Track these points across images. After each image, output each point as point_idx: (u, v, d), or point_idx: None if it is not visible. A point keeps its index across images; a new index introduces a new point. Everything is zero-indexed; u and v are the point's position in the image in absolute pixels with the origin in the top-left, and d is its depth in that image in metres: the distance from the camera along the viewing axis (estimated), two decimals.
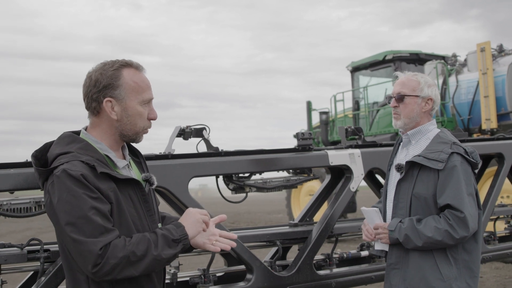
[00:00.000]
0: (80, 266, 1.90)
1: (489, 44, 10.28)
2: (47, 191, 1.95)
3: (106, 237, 1.88)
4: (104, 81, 2.04)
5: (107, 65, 2.07)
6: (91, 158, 1.97)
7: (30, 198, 2.91)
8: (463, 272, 2.74)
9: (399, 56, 12.33)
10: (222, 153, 3.46)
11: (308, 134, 3.78)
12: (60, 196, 1.88)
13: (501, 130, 9.84)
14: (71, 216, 1.86)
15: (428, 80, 2.95)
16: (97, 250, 1.84)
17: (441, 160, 2.72)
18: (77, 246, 1.85)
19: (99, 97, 2.04)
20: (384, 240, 2.85)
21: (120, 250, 1.87)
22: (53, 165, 1.96)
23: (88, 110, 2.10)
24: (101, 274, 1.86)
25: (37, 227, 17.92)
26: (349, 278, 3.80)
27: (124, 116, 2.07)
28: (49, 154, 2.04)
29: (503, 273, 7.86)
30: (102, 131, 2.10)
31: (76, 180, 1.88)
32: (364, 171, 3.91)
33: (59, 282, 2.87)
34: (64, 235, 1.89)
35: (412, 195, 2.79)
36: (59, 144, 2.06)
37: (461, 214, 2.65)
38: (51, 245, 3.05)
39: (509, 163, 4.70)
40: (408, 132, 2.95)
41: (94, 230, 1.86)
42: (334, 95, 13.38)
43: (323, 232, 3.67)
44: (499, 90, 10.12)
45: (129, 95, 2.06)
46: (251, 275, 3.38)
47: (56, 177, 1.90)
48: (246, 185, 3.54)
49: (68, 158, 1.95)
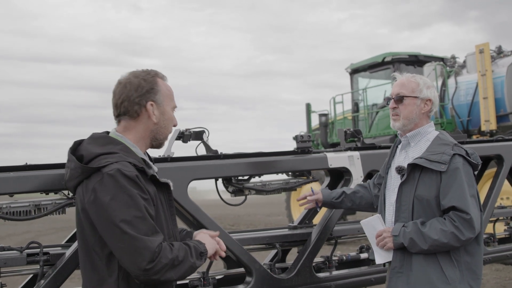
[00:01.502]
0: (130, 263, 1.95)
1: (488, 45, 10.29)
2: (91, 188, 1.99)
3: (158, 237, 2.00)
4: (147, 86, 2.18)
5: (142, 73, 2.22)
6: (136, 161, 2.08)
7: (29, 201, 2.90)
8: (465, 274, 2.72)
9: (398, 58, 12.33)
10: (221, 156, 3.46)
11: (307, 137, 3.78)
12: (114, 195, 1.95)
13: (500, 132, 9.85)
14: (127, 214, 1.94)
15: (426, 82, 2.95)
16: (154, 247, 1.94)
17: (444, 161, 2.70)
18: (133, 243, 1.92)
19: (142, 101, 2.17)
20: (388, 245, 2.80)
21: (169, 252, 2.00)
22: (96, 164, 2.03)
23: (125, 114, 2.19)
24: (152, 272, 1.94)
25: (36, 230, 17.90)
26: (348, 280, 3.79)
27: (161, 120, 2.23)
28: (86, 153, 2.10)
29: (503, 275, 7.85)
30: (137, 134, 2.21)
31: (131, 180, 1.99)
32: (363, 174, 3.91)
33: (59, 285, 2.87)
34: (116, 232, 1.94)
35: (414, 198, 2.77)
36: (94, 144, 2.13)
37: (467, 216, 2.63)
38: (50, 248, 3.06)
39: (508, 165, 4.70)
40: (407, 134, 2.93)
41: (148, 229, 1.97)
42: (333, 97, 13.38)
43: (322, 235, 3.68)
44: (498, 92, 10.13)
45: (165, 100, 2.24)
46: (250, 278, 3.38)
47: (109, 176, 1.97)
48: (245, 188, 3.54)
49: (116, 159, 2.03)
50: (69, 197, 2.99)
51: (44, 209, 2.94)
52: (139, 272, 1.95)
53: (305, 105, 14.52)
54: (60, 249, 3.08)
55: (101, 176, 1.99)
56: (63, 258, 2.92)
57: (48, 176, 2.88)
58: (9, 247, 2.95)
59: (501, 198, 8.10)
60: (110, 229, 1.96)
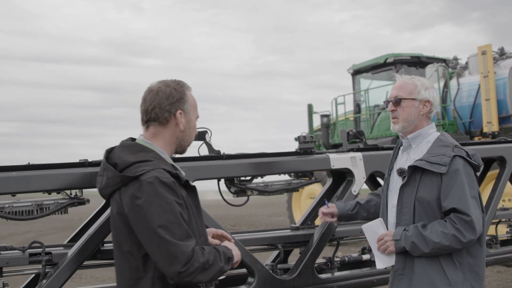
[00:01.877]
0: (165, 266, 2.07)
1: (490, 47, 10.28)
2: (129, 195, 2.12)
3: (192, 242, 2.13)
4: (177, 95, 2.32)
5: (173, 82, 2.36)
6: (169, 167, 2.21)
7: (32, 201, 2.90)
8: (468, 276, 2.72)
9: (400, 59, 12.34)
10: (224, 156, 3.45)
11: (310, 138, 3.77)
12: (152, 201, 2.08)
13: (503, 133, 9.84)
14: (164, 220, 2.07)
15: (425, 83, 2.93)
16: (189, 252, 2.07)
17: (444, 163, 2.69)
18: (169, 247, 2.05)
19: (172, 109, 2.30)
20: (390, 249, 2.79)
21: (201, 256, 2.12)
22: (132, 171, 2.15)
23: (155, 121, 2.31)
24: (185, 275, 2.07)
25: (38, 229, 17.91)
26: (350, 281, 3.78)
27: (187, 128, 2.37)
28: (120, 161, 2.22)
29: (505, 277, 7.85)
30: (164, 141, 2.34)
31: (168, 187, 2.12)
32: (366, 175, 3.90)
33: (61, 285, 2.86)
34: (153, 237, 2.06)
35: (415, 200, 2.76)
36: (127, 152, 2.25)
37: (467, 217, 2.63)
38: (52, 247, 3.05)
39: (511, 167, 4.69)
40: (408, 136, 2.93)
41: (183, 234, 2.10)
42: (335, 98, 13.39)
43: (324, 236, 3.67)
44: (501, 93, 10.14)
45: (191, 110, 2.38)
46: (252, 279, 3.38)
47: (148, 183, 2.09)
48: (247, 189, 3.53)
49: (152, 166, 2.15)
50: (71, 197, 2.99)
51: (46, 209, 2.93)
52: (173, 275, 2.07)
53: (307, 106, 14.52)
54: (62, 249, 3.07)
55: (139, 183, 2.11)
56: (65, 258, 2.92)
57: (50, 176, 2.88)
58: (11, 247, 2.95)
59: (503, 200, 8.09)
60: (148, 234, 2.08)
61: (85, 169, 2.99)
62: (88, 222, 3.29)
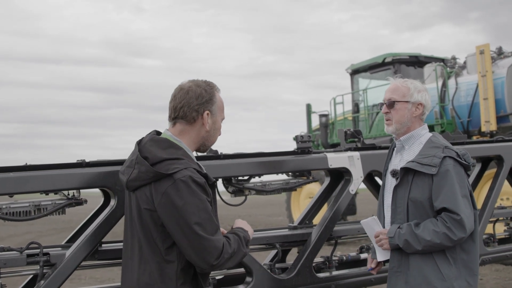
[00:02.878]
0: (199, 259, 2.19)
1: (488, 46, 10.29)
2: (162, 192, 2.19)
3: (221, 236, 2.27)
4: (207, 96, 2.40)
5: (204, 83, 2.43)
6: (198, 167, 2.31)
7: (29, 202, 2.90)
8: (462, 272, 2.80)
9: (399, 59, 12.35)
10: (221, 156, 3.46)
11: (308, 137, 3.78)
12: (187, 199, 2.17)
13: (501, 132, 9.85)
14: (199, 217, 2.18)
15: (418, 86, 3.02)
16: (221, 246, 2.21)
17: (434, 164, 2.78)
18: (204, 243, 2.17)
19: (200, 109, 2.38)
20: (385, 246, 2.90)
21: (229, 247, 2.26)
22: (164, 168, 2.21)
23: (183, 119, 2.39)
24: (217, 266, 2.22)
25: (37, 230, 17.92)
26: (348, 280, 3.80)
27: (213, 129, 2.45)
28: (151, 156, 2.28)
29: (503, 275, 7.85)
30: (190, 139, 2.41)
31: (201, 186, 2.22)
32: (363, 174, 3.91)
33: (59, 286, 2.86)
34: (188, 233, 2.17)
35: (408, 200, 2.86)
36: (157, 147, 2.31)
37: (457, 216, 2.72)
38: (50, 248, 3.05)
39: (508, 165, 4.70)
40: (400, 137, 3.02)
41: (214, 229, 2.22)
42: (333, 98, 13.40)
43: (322, 235, 3.68)
44: (499, 93, 10.14)
45: (218, 111, 2.46)
46: (250, 278, 3.39)
47: (182, 182, 2.18)
48: (245, 188, 3.53)
49: (184, 165, 2.23)
50: (69, 197, 3.00)
51: (44, 209, 2.93)
52: (207, 267, 2.22)
53: (306, 106, 14.53)
54: (60, 250, 3.07)
55: (172, 181, 2.19)
56: (63, 258, 2.92)
57: (48, 177, 2.88)
58: (9, 248, 2.95)
59: (502, 198, 8.10)
60: (184, 230, 2.18)
61: (83, 169, 2.99)
62: (85, 222, 3.29)
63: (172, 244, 2.25)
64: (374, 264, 3.14)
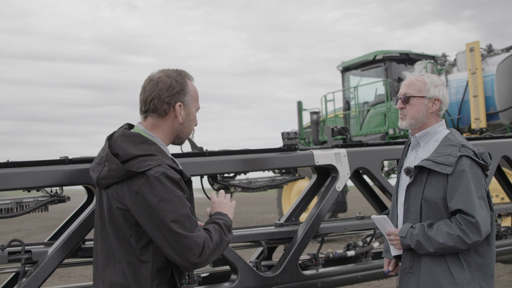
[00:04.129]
0: (181, 258, 2.09)
1: (478, 44, 10.31)
2: (135, 190, 2.09)
3: (201, 232, 2.15)
4: (178, 87, 2.28)
5: (174, 73, 2.31)
6: (172, 163, 2.21)
7: (11, 199, 2.87)
8: (476, 276, 2.70)
9: (389, 56, 12.36)
10: (206, 153, 3.43)
11: (294, 134, 3.76)
12: (162, 197, 2.07)
13: (490, 130, 9.88)
14: (176, 214, 2.08)
15: (435, 80, 2.89)
16: (202, 242, 2.11)
17: (450, 164, 2.67)
18: (183, 240, 2.07)
19: (172, 101, 2.27)
20: (396, 246, 2.82)
21: (210, 241, 2.16)
22: (136, 165, 2.11)
23: (154, 112, 2.28)
24: (200, 263, 2.12)
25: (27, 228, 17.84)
26: (335, 278, 3.78)
27: (186, 120, 2.33)
28: (122, 152, 2.18)
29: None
30: (164, 133, 2.31)
31: (175, 183, 2.12)
32: (350, 171, 3.90)
33: (41, 283, 2.83)
34: (166, 232, 2.07)
35: (422, 199, 2.75)
36: (128, 143, 2.20)
37: (473, 219, 2.61)
38: (32, 246, 3.02)
39: (496, 163, 4.71)
40: (416, 134, 2.90)
41: (193, 226, 2.12)
42: (324, 95, 13.39)
43: (308, 232, 3.66)
44: (488, 90, 10.17)
45: (192, 102, 2.34)
46: (235, 276, 3.36)
47: (155, 178, 2.08)
48: (231, 185, 3.52)
49: (157, 161, 2.13)
50: (51, 194, 2.97)
51: (26, 206, 2.91)
52: (190, 265, 2.12)
53: (297, 103, 14.51)
54: (42, 247, 3.04)
55: (145, 178, 2.09)
56: (45, 256, 2.89)
57: (29, 173, 2.85)
58: None
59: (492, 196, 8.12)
60: (161, 229, 2.08)
61: (65, 166, 2.96)
62: (69, 220, 3.26)
63: (147, 243, 2.15)
64: (392, 266, 3.04)
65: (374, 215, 3.00)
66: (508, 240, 4.88)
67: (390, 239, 2.85)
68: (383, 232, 2.95)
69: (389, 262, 3.06)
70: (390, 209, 3.11)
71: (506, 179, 5.22)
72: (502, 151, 4.75)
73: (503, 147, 4.79)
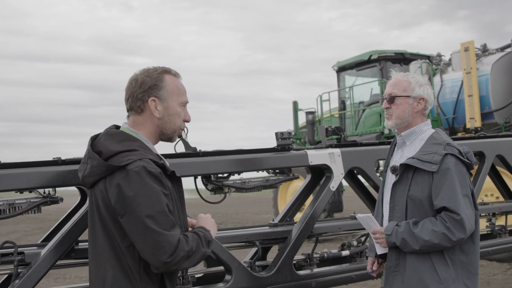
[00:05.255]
0: (152, 256, 2.05)
1: (472, 43, 10.34)
2: (115, 184, 2.09)
3: (177, 231, 2.11)
4: (150, 82, 2.27)
5: (151, 70, 2.31)
6: (155, 157, 2.19)
7: (3, 200, 2.86)
8: (460, 274, 2.72)
9: (385, 56, 12.36)
10: (200, 153, 3.43)
11: (288, 134, 3.76)
12: (138, 191, 2.05)
13: (485, 129, 9.90)
14: (151, 210, 2.05)
15: (419, 80, 2.92)
16: (175, 241, 2.06)
17: (435, 162, 2.70)
18: (156, 237, 2.04)
19: (144, 97, 2.26)
20: (382, 244, 2.83)
21: (186, 245, 2.10)
22: (118, 161, 2.12)
23: (132, 110, 2.30)
24: (171, 264, 2.06)
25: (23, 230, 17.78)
26: (329, 278, 3.78)
27: (166, 115, 2.30)
28: (105, 149, 2.18)
29: (487, 271, 7.90)
30: (147, 130, 2.30)
31: (155, 177, 2.10)
32: (344, 171, 3.90)
33: (34, 285, 2.82)
34: (139, 226, 2.05)
35: (407, 198, 2.78)
36: (112, 140, 2.21)
37: (457, 216, 2.63)
38: (25, 247, 3.01)
39: (490, 162, 4.73)
40: (402, 133, 2.94)
41: (168, 224, 2.08)
42: (320, 95, 13.39)
43: (302, 232, 3.66)
44: (483, 89, 10.18)
45: (170, 96, 2.30)
46: (230, 276, 3.35)
47: (134, 173, 2.06)
48: (224, 186, 3.51)
49: (138, 156, 2.13)
50: (44, 195, 2.96)
51: (18, 207, 2.90)
52: (159, 265, 2.07)
53: (292, 103, 14.51)
54: (35, 249, 3.03)
55: (125, 172, 2.08)
56: (38, 257, 2.88)
57: (22, 175, 2.84)
58: None
59: (486, 195, 8.14)
60: (135, 223, 2.06)
61: (58, 167, 2.95)
62: (62, 221, 3.26)
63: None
64: (375, 266, 3.05)
65: (359, 214, 3.01)
66: (502, 239, 4.90)
67: (375, 237, 2.86)
68: (368, 230, 2.97)
69: (373, 261, 3.08)
70: (375, 208, 3.14)
71: (500, 178, 5.24)
72: (496, 150, 4.77)
73: (497, 146, 4.82)
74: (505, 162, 4.88)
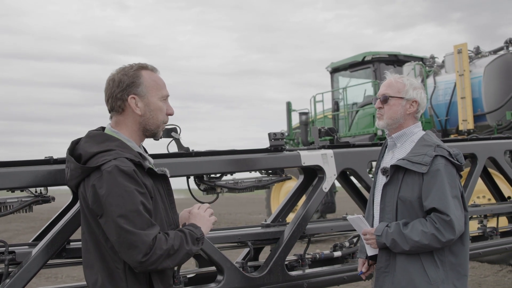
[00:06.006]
0: (127, 256, 2.06)
1: (465, 46, 10.37)
2: (90, 185, 2.09)
3: (154, 230, 2.08)
4: (127, 80, 2.25)
5: (127, 68, 2.29)
6: (133, 156, 2.17)
7: None
8: (450, 275, 2.75)
9: (378, 57, 12.39)
10: (192, 153, 3.42)
11: (280, 135, 3.76)
12: (111, 190, 2.04)
13: (478, 131, 9.95)
14: (124, 209, 2.03)
15: (414, 83, 2.95)
16: (150, 241, 2.04)
17: (425, 163, 2.72)
18: (129, 237, 2.02)
19: (124, 95, 2.24)
20: (372, 245, 2.85)
21: (164, 243, 2.08)
22: (94, 162, 2.12)
23: (113, 110, 2.29)
24: (147, 263, 2.05)
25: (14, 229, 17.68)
26: (321, 278, 3.79)
27: (147, 111, 2.27)
28: (84, 152, 2.19)
29: (479, 272, 7.93)
30: (128, 128, 2.28)
31: (128, 176, 2.08)
32: (337, 172, 3.90)
33: (25, 285, 2.80)
34: (113, 227, 2.04)
35: (398, 199, 2.80)
36: (91, 143, 2.21)
37: (447, 217, 2.66)
38: (16, 247, 3.00)
39: (482, 164, 4.75)
40: (392, 135, 2.96)
41: (143, 223, 2.06)
42: (313, 96, 13.40)
43: (295, 233, 3.66)
44: (476, 92, 10.22)
45: (150, 91, 2.28)
46: (221, 277, 3.35)
47: (107, 172, 2.06)
48: (217, 186, 3.51)
49: (113, 155, 2.11)
50: (36, 194, 2.94)
51: (10, 207, 2.88)
52: (136, 264, 2.06)
53: (286, 104, 14.51)
54: (27, 248, 3.02)
55: (100, 173, 2.08)
56: (29, 256, 2.86)
57: (13, 174, 2.82)
58: None
59: (478, 197, 8.17)
60: (108, 223, 2.06)
61: (50, 166, 2.94)
62: (53, 221, 3.24)
63: None
64: (365, 268, 3.06)
65: (350, 215, 3.03)
66: (494, 240, 4.92)
67: (366, 238, 2.88)
68: (359, 231, 2.98)
69: (363, 263, 3.08)
70: (366, 209, 3.16)
71: (492, 180, 5.26)
72: (488, 153, 4.80)
73: (489, 148, 4.85)
74: (496, 164, 4.91)
